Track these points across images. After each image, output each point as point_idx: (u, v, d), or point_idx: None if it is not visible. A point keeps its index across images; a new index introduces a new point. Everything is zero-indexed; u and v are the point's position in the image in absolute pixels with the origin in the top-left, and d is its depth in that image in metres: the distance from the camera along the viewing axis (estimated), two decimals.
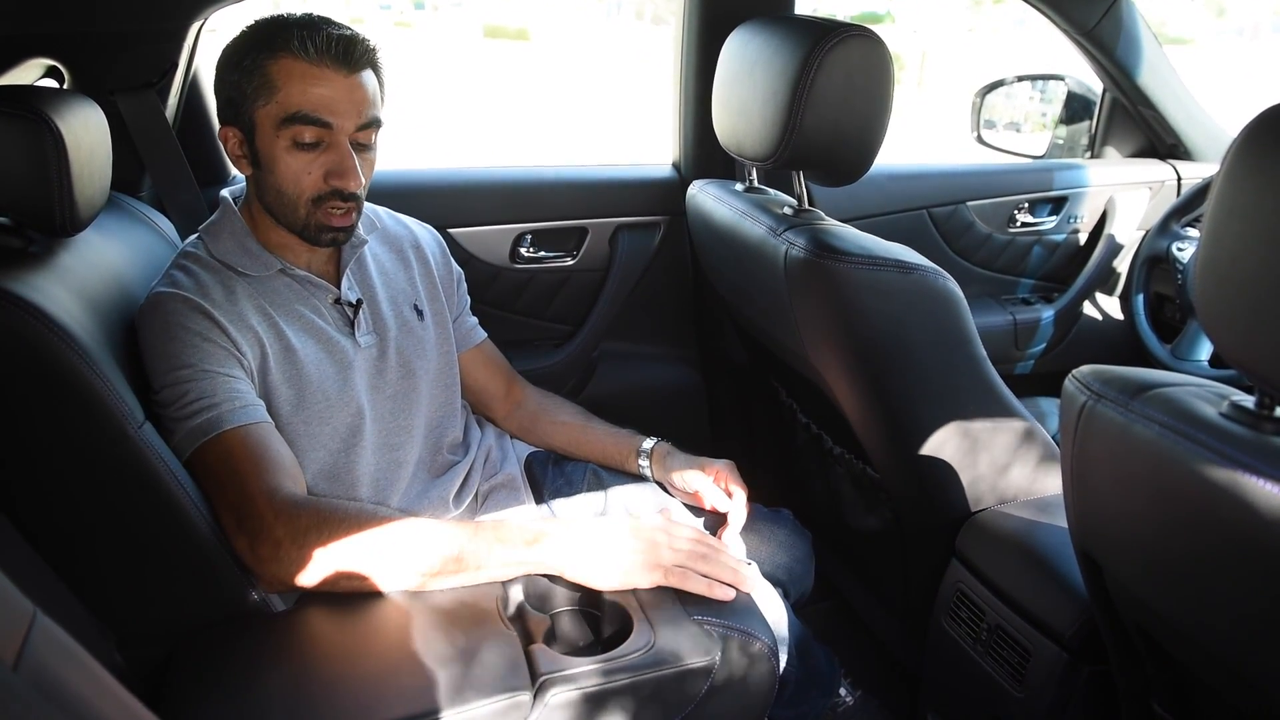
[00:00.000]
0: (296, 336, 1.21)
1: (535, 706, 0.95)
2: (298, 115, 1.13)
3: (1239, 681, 0.87)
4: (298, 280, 1.25)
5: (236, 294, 1.18)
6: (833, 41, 1.21)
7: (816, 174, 1.35)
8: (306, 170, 1.16)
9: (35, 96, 1.03)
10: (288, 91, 1.12)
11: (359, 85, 1.15)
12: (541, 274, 1.97)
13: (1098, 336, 2.31)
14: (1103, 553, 0.97)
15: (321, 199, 1.17)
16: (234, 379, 1.12)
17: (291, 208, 1.18)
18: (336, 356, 1.24)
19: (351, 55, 1.14)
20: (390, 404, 1.30)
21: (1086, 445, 0.90)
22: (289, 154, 1.15)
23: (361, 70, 1.16)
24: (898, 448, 1.36)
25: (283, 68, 1.12)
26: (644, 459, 1.43)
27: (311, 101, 1.12)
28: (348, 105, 1.14)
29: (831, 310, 1.27)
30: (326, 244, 1.22)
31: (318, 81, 1.12)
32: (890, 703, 1.66)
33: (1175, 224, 2.09)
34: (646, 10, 23.05)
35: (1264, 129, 0.68)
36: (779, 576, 1.41)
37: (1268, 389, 0.72)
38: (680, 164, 2.02)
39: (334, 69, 1.13)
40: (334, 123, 1.14)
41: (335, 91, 1.13)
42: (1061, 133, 2.41)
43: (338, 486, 1.23)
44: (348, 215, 1.20)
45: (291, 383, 1.19)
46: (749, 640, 1.05)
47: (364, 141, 1.19)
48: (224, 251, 1.21)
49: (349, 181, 1.16)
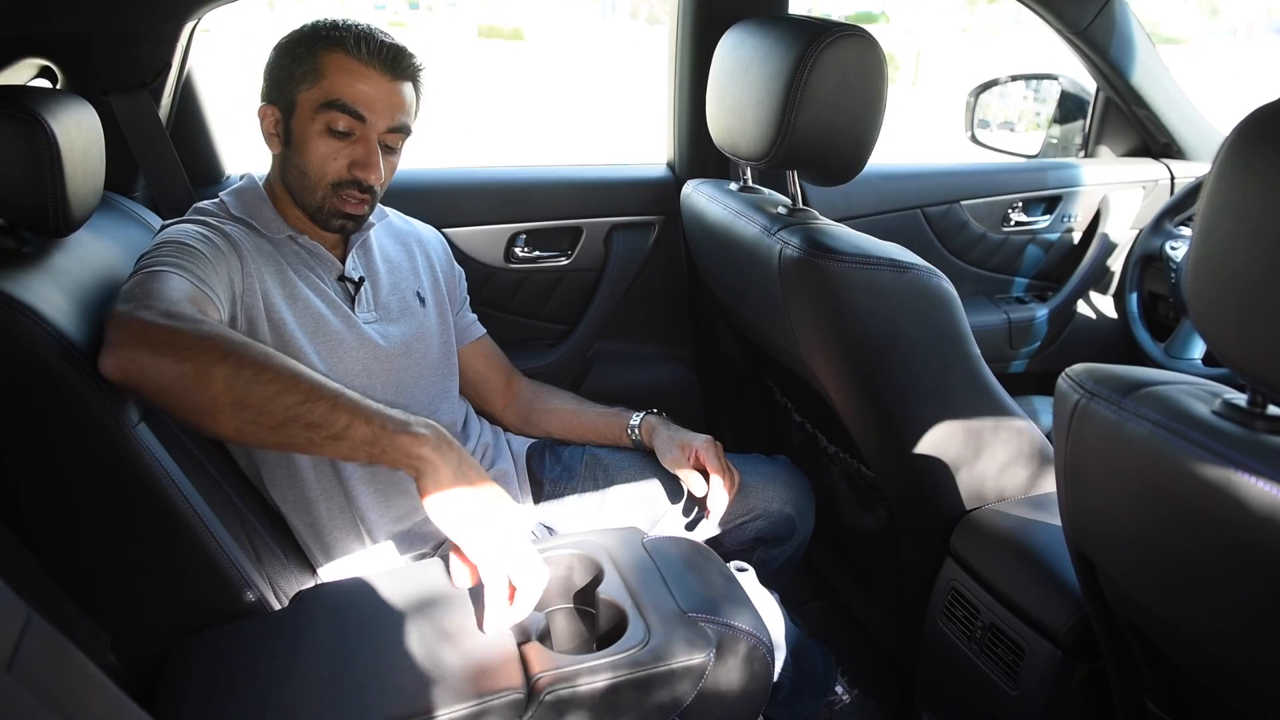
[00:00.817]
0: (304, 291, 1.27)
1: (530, 705, 0.95)
2: (337, 103, 1.21)
3: (1232, 679, 0.88)
4: (306, 249, 1.31)
5: (252, 241, 1.25)
6: (827, 41, 1.21)
7: (811, 173, 1.35)
8: (333, 156, 1.24)
9: (28, 96, 1.03)
10: (333, 80, 1.21)
11: (398, 92, 1.24)
12: (536, 274, 1.97)
13: (1091, 335, 2.31)
14: (1096, 551, 0.97)
15: (341, 184, 1.25)
16: (215, 271, 1.14)
17: (311, 189, 1.26)
18: (338, 322, 1.28)
19: (399, 64, 1.24)
20: (384, 377, 1.33)
21: (1080, 444, 0.90)
22: (320, 138, 1.23)
23: (404, 80, 1.25)
24: (892, 447, 1.36)
25: (334, 60, 1.21)
26: (634, 433, 1.49)
27: (353, 94, 1.21)
28: (385, 106, 1.23)
29: (826, 309, 1.27)
30: (336, 229, 1.30)
31: (363, 78, 1.21)
32: (885, 701, 1.66)
33: (1168, 223, 2.09)
34: (641, 10, 23.07)
35: (1254, 129, 0.69)
36: (789, 512, 1.48)
37: (1260, 387, 0.73)
38: (675, 164, 2.02)
39: (380, 71, 1.22)
40: (369, 118, 1.23)
41: (376, 91, 1.22)
42: (1055, 132, 2.41)
43: (330, 465, 1.27)
44: (361, 205, 1.28)
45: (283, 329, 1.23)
46: (744, 638, 1.05)
47: (391, 144, 1.28)
48: (245, 210, 1.29)
49: (370, 173, 1.24)
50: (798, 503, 1.50)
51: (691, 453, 1.38)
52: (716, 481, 1.37)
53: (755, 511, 1.46)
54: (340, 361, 1.27)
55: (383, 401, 1.31)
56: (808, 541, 1.56)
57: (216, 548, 1.05)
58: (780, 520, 1.47)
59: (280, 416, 0.91)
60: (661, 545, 1.21)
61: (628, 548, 1.18)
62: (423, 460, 0.95)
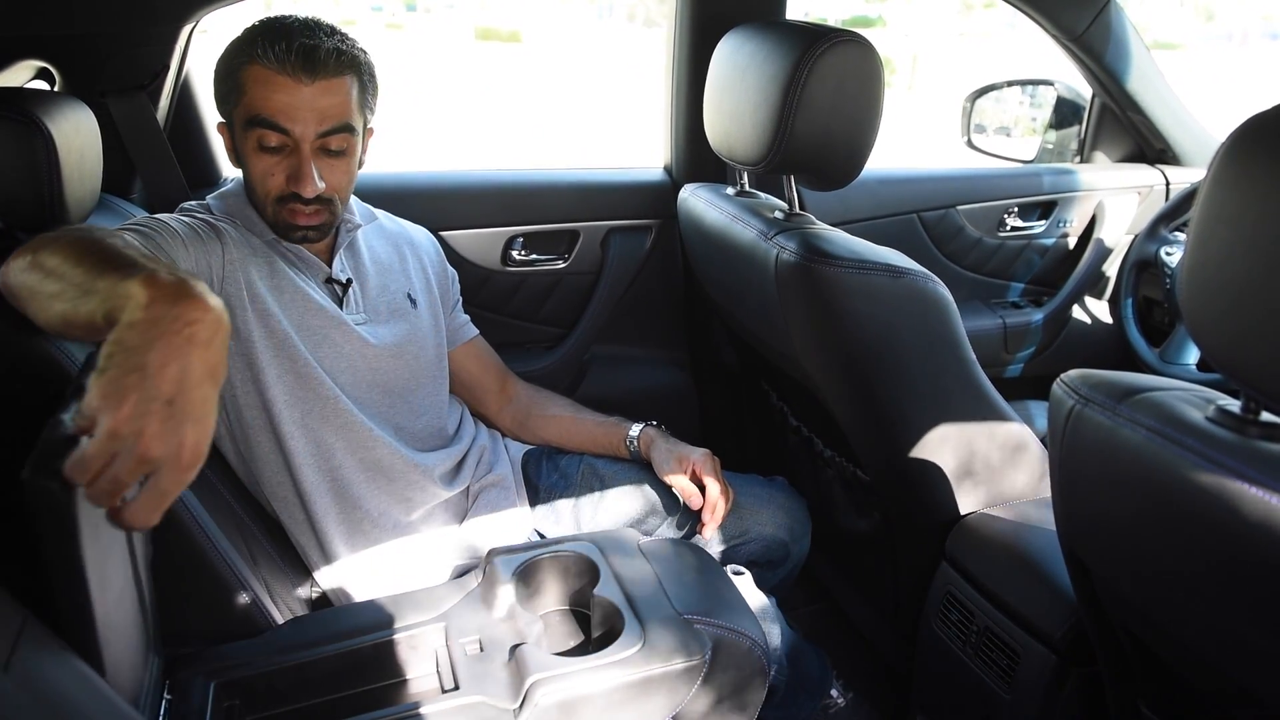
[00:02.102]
0: (290, 281, 1.26)
1: (525, 707, 0.95)
2: (257, 119, 1.17)
3: (1226, 683, 0.88)
4: (292, 252, 1.29)
5: (235, 234, 1.24)
6: (824, 47, 1.22)
7: (807, 178, 1.36)
8: (270, 172, 1.21)
9: (26, 99, 1.03)
10: (251, 96, 1.17)
11: (323, 93, 1.17)
12: (533, 277, 1.97)
13: (1086, 340, 2.32)
14: (1090, 555, 0.97)
15: (283, 199, 1.22)
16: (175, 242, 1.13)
17: (261, 205, 1.24)
18: (326, 320, 1.27)
19: (313, 64, 1.16)
20: (373, 377, 1.32)
21: (1074, 449, 0.90)
22: (255, 155, 1.20)
23: (327, 78, 1.17)
24: (888, 451, 1.37)
25: (250, 73, 1.17)
26: (632, 444, 1.47)
27: (270, 107, 1.16)
28: (308, 113, 1.17)
29: (822, 314, 1.27)
30: (298, 240, 1.27)
31: (278, 88, 1.16)
32: (881, 704, 1.66)
33: (1164, 228, 2.10)
34: (638, 13, 23.09)
35: (1249, 136, 0.69)
36: (781, 536, 1.46)
37: (1253, 393, 0.73)
38: (672, 167, 2.02)
39: (294, 78, 1.16)
40: (292, 129, 1.18)
41: (294, 99, 1.16)
42: (1051, 137, 2.42)
43: (320, 459, 1.26)
44: (314, 215, 1.24)
45: (269, 319, 1.22)
46: (739, 640, 1.05)
47: (333, 147, 1.21)
48: (231, 210, 1.27)
49: (304, 186, 1.19)
50: (792, 528, 1.48)
51: (689, 466, 1.38)
52: (712, 496, 1.36)
53: (748, 535, 1.44)
54: (328, 358, 1.27)
55: (375, 403, 1.32)
56: (802, 564, 1.54)
57: (213, 551, 1.05)
58: (773, 544, 1.46)
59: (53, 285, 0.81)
60: (657, 547, 1.21)
61: (624, 550, 1.18)
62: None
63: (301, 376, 1.24)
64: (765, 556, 1.47)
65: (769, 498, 1.48)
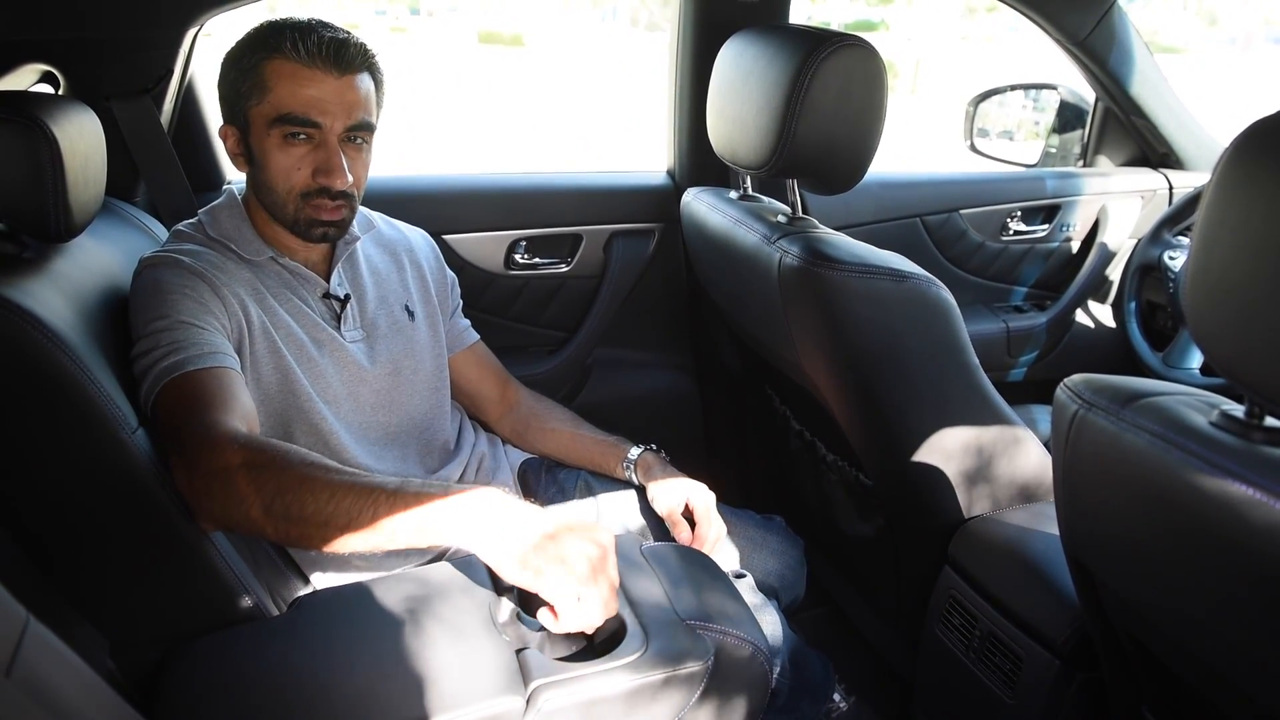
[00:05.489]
0: (284, 317, 1.23)
1: (528, 712, 0.95)
2: (287, 116, 1.16)
3: (1229, 689, 0.88)
4: (288, 270, 1.27)
5: (229, 268, 1.21)
6: (827, 51, 1.22)
7: (810, 182, 1.36)
8: (296, 167, 1.19)
9: (30, 102, 1.03)
10: (278, 92, 1.15)
11: (350, 88, 1.18)
12: (536, 280, 1.97)
13: (1090, 344, 2.31)
14: (1094, 560, 0.97)
15: (310, 195, 1.20)
16: (209, 330, 1.12)
17: (283, 204, 1.21)
18: (321, 346, 1.25)
19: (343, 58, 1.16)
20: (374, 399, 1.31)
21: (1078, 453, 0.90)
22: (279, 151, 1.18)
23: (354, 73, 1.18)
24: (890, 455, 1.36)
25: (275, 69, 1.15)
26: (629, 467, 1.44)
27: (301, 102, 1.15)
28: (337, 106, 1.17)
29: (825, 318, 1.27)
30: (318, 239, 1.24)
31: (308, 83, 1.15)
32: (883, 709, 1.66)
33: (1167, 233, 2.10)
34: (641, 17, 23.13)
35: (1253, 141, 0.69)
36: (771, 583, 1.42)
37: (1257, 398, 0.73)
38: (675, 171, 2.03)
39: (324, 71, 1.15)
40: (323, 123, 1.17)
41: (324, 93, 1.16)
42: (1054, 141, 2.42)
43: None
44: (337, 210, 1.22)
45: (274, 359, 1.21)
46: (742, 645, 1.05)
47: (358, 141, 1.21)
48: (222, 231, 1.24)
49: (335, 179, 1.18)
50: (782, 573, 1.44)
51: (684, 500, 1.36)
52: (702, 536, 1.34)
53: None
54: (325, 386, 1.25)
55: (374, 421, 1.30)
56: (796, 607, 1.50)
57: (214, 553, 1.05)
58: (762, 589, 1.41)
59: (316, 520, 0.94)
60: (660, 552, 1.21)
61: (626, 554, 1.17)
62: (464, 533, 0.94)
63: (304, 411, 1.23)
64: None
65: (762, 541, 1.45)
